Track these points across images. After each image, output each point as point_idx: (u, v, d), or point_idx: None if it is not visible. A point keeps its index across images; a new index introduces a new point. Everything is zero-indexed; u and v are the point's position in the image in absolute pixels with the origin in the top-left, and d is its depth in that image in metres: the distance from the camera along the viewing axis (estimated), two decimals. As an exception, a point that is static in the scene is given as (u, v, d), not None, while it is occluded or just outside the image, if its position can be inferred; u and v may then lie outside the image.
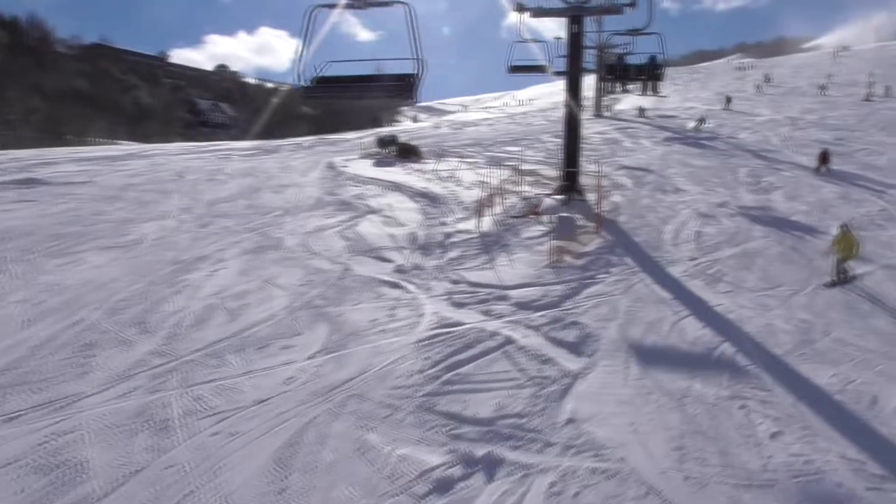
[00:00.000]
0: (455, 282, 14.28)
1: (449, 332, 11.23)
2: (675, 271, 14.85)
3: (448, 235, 17.88)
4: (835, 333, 11.31)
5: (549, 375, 9.68)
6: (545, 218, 19.19)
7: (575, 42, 21.44)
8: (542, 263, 15.34)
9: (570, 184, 21.89)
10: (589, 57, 44.27)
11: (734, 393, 9.19)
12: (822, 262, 15.16)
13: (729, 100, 51.08)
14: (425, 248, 16.82)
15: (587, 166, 26.84)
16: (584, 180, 23.35)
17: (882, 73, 66.19)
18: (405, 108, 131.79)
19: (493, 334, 11.15)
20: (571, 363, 10.14)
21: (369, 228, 18.78)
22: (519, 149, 34.76)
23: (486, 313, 12.32)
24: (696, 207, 20.86)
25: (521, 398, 9.01)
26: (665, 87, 72.70)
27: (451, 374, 9.71)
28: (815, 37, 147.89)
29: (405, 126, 75.73)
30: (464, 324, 11.68)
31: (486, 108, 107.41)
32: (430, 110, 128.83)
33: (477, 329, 11.39)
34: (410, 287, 13.87)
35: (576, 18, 21.05)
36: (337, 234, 18.22)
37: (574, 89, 21.80)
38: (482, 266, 15.37)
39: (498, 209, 20.64)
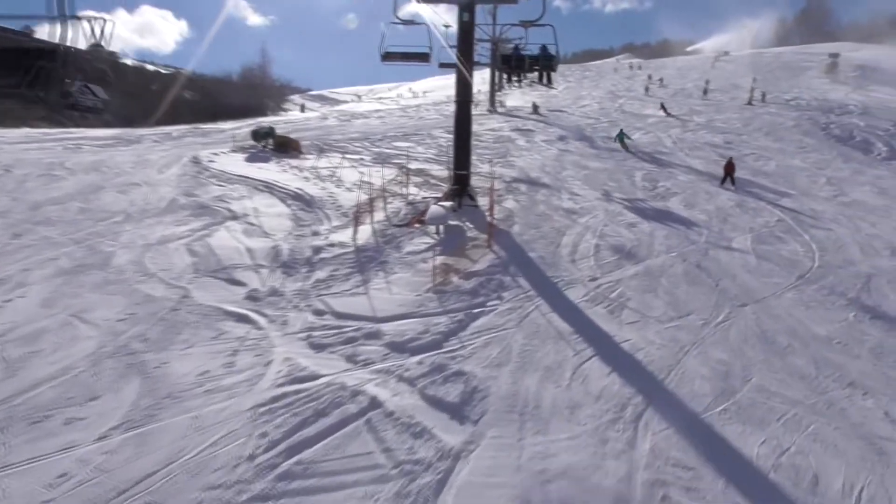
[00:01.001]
0: (319, 312, 11.77)
1: (299, 392, 8.74)
2: (575, 295, 13.01)
3: (318, 250, 15.31)
4: (755, 378, 9.71)
5: (422, 458, 7.41)
6: (432, 228, 16.96)
7: (466, 32, 19.31)
8: (426, 286, 13.09)
9: (460, 188, 19.81)
10: (482, 50, 42.74)
11: (654, 477, 7.27)
12: (730, 283, 13.81)
13: (663, 107, 47.45)
14: (288, 267, 14.19)
15: (479, 166, 24.96)
16: (476, 182, 21.41)
17: (760, 79, 68.86)
18: (295, 96, 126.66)
19: (356, 393, 8.76)
20: (452, 435, 7.91)
21: (225, 240, 15.91)
22: (409, 145, 32.53)
23: (351, 359, 9.91)
24: (594, 214, 19.30)
25: (381, 500, 6.69)
26: (558, 83, 72.97)
27: (291, 461, 7.25)
28: (696, 41, 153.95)
29: (291, 116, 71.67)
30: (320, 376, 9.23)
31: (380, 98, 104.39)
32: (321, 99, 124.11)
33: (336, 385, 8.96)
34: (262, 321, 11.26)
35: (468, 6, 18.93)
36: (184, 246, 15.25)
37: (464, 84, 19.70)
38: (354, 290, 12.94)
39: (380, 215, 18.27)
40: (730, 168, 24.85)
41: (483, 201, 19.95)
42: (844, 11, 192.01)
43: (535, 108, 48.36)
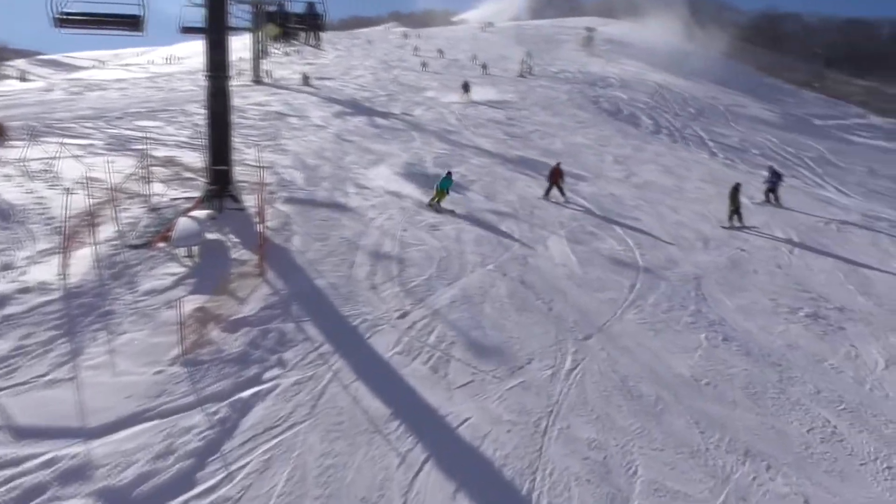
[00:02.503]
0: (-18, 431, 7.25)
1: None
2: (385, 344, 9.75)
3: (1, 300, 10.35)
4: (642, 469, 7.25)
5: None
6: (182, 249, 12.63)
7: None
8: (170, 353, 9.02)
9: (220, 188, 15.55)
10: (238, 12, 37.43)
11: None
12: (563, 305, 11.46)
13: (467, 87, 40.61)
14: (-61, 341, 9.19)
15: (244, 152, 20.63)
16: (241, 174, 17.26)
17: (525, 50, 70.57)
18: (19, 60, 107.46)
19: None
20: None
21: None
22: (156, 124, 26.76)
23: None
24: (388, 214, 16.17)
25: None
26: (327, 51, 68.70)
27: None
28: (460, 11, 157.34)
29: (5, 87, 59.29)
30: None
31: (126, 65, 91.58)
32: (54, 65, 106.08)
33: None
34: None
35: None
36: None
37: (218, 53, 15.33)
38: (53, 376, 8.44)
39: (109, 230, 13.47)
40: (556, 176, 19.50)
41: (251, 201, 15.94)
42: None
43: (306, 78, 43.97)
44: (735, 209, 17.42)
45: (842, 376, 9.56)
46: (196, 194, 16.11)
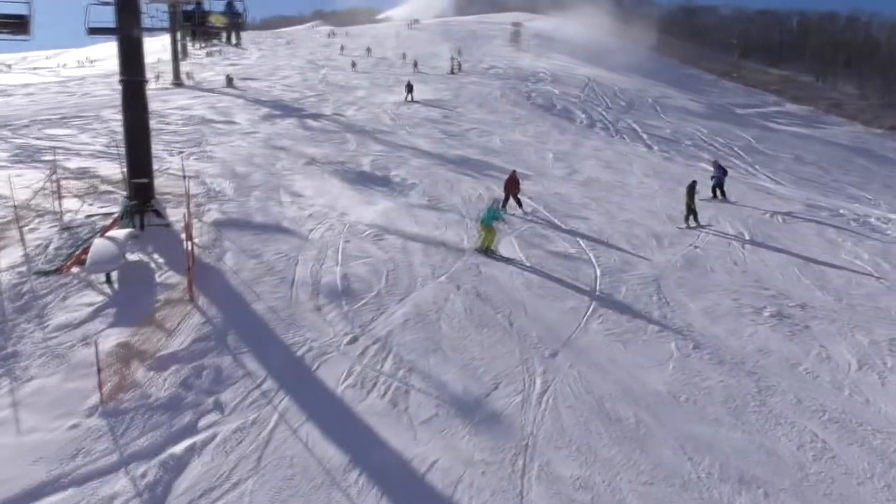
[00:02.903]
0: None
1: None
2: (335, 376, 8.78)
3: None
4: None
5: None
6: (99, 275, 11.29)
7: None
8: (87, 402, 7.82)
9: (141, 202, 14.17)
10: (153, 12, 35.32)
11: None
12: (524, 319, 10.74)
13: (410, 88, 38.49)
14: None
15: (167, 161, 19.22)
16: (165, 184, 15.97)
17: (453, 46, 70.08)
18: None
19: None
20: None
21: None
22: (69, 132, 24.84)
23: None
24: (328, 224, 15.13)
25: None
26: (251, 52, 66.41)
27: None
28: (384, 9, 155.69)
29: None
30: None
31: (35, 69, 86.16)
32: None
33: None
34: None
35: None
36: None
37: (131, 54, 13.96)
38: (-58, 439, 7.15)
39: (14, 254, 12.02)
40: (512, 186, 17.45)
41: (177, 215, 14.67)
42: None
43: (230, 80, 42.14)
44: (692, 209, 16.91)
45: (818, 382, 9.15)
46: (114, 210, 14.70)
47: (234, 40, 31.11)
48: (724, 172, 19.84)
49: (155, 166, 18.78)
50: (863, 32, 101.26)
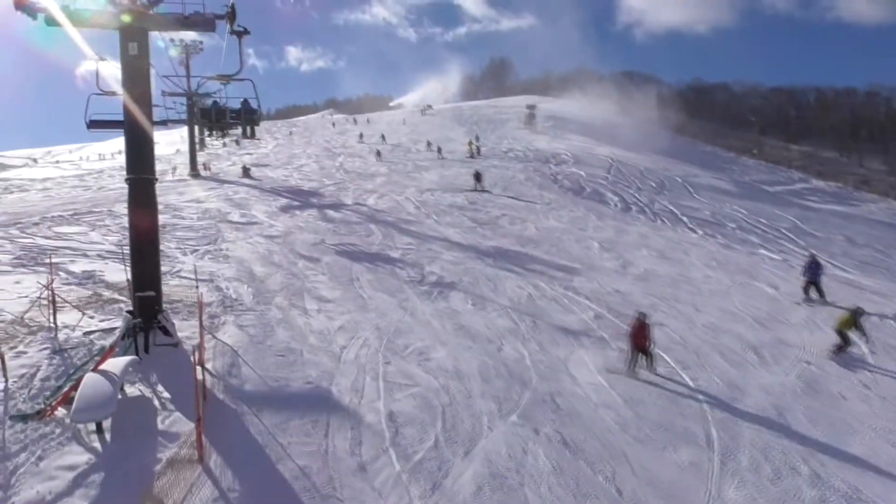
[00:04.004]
0: None
1: None
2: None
3: None
4: None
5: None
6: (85, 425, 8.95)
7: (136, 71, 11.72)
8: None
9: (146, 319, 11.98)
10: (171, 104, 34.55)
11: None
12: (632, 480, 8.21)
13: (479, 176, 36.09)
14: None
15: (180, 260, 17.24)
16: (174, 290, 13.91)
17: (466, 130, 69.63)
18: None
19: None
20: None
21: None
22: (79, 230, 23.05)
23: None
24: (362, 339, 12.84)
25: None
26: (266, 141, 66.11)
27: None
28: (396, 96, 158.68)
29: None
30: None
31: (58, 163, 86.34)
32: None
33: None
34: None
35: (135, 34, 11.40)
36: None
37: (140, 149, 12.08)
38: None
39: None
40: (641, 336, 11.90)
41: (187, 328, 12.52)
42: (521, 69, 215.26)
43: (246, 170, 40.88)
44: (848, 339, 13.19)
45: None
46: (117, 324, 12.54)
47: (248, 133, 30.40)
48: (820, 268, 17.35)
49: (166, 268, 16.84)
50: (884, 107, 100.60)
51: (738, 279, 19.24)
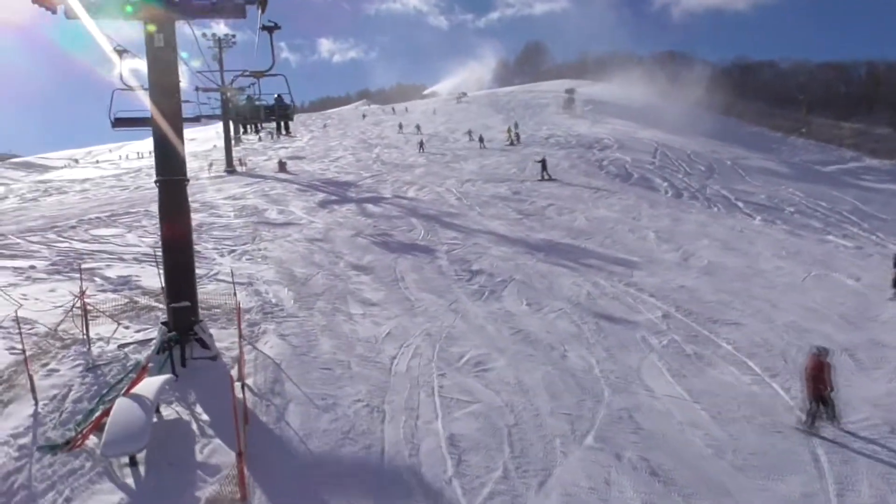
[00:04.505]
0: None
1: None
2: None
3: None
4: None
5: None
6: (118, 458, 8.13)
7: (164, 64, 10.84)
8: None
9: (182, 331, 11.17)
10: (204, 99, 34.12)
11: None
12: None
13: (544, 164, 34.42)
14: None
15: (218, 262, 16.52)
16: (210, 295, 13.18)
17: (503, 117, 68.08)
18: None
19: None
20: None
21: None
22: (117, 232, 22.56)
23: None
24: (412, 346, 11.86)
25: None
26: (301, 133, 65.59)
27: None
28: (429, 85, 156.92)
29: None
30: None
31: (97, 163, 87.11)
32: (27, 167, 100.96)
33: None
34: None
35: (163, 23, 10.51)
36: None
37: (167, 149, 11.21)
38: None
39: (23, 413, 9.06)
40: (820, 380, 9.13)
41: (226, 337, 11.72)
42: (557, 53, 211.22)
43: (282, 165, 40.25)
44: None
45: None
46: (152, 335, 11.83)
47: (283, 130, 29.85)
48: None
49: (202, 270, 16.11)
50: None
51: (813, 270, 17.73)
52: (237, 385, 9.71)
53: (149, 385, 9.30)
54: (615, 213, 25.87)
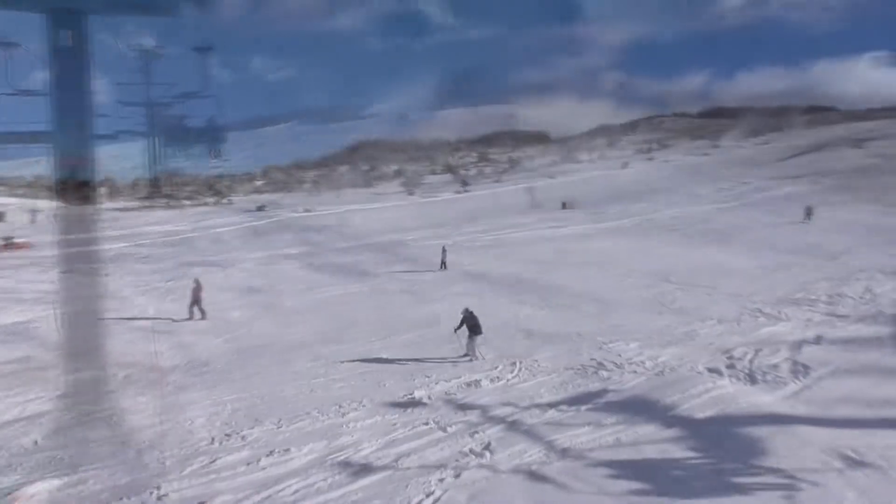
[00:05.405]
0: None
1: None
2: None
3: None
4: None
5: None
6: None
7: (73, 64, 8.55)
8: None
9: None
10: (128, 114, 31.70)
11: None
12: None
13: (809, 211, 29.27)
14: None
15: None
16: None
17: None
18: None
19: None
20: None
21: None
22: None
23: None
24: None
25: None
26: (228, 151, 62.26)
27: None
28: (366, 105, 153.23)
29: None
30: None
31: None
32: None
33: None
34: None
35: (71, 17, 8.28)
36: None
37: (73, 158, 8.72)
38: None
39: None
40: None
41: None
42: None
43: (216, 191, 37.61)
44: None
45: None
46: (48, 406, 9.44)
47: (213, 154, 27.50)
48: None
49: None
50: None
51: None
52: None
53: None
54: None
